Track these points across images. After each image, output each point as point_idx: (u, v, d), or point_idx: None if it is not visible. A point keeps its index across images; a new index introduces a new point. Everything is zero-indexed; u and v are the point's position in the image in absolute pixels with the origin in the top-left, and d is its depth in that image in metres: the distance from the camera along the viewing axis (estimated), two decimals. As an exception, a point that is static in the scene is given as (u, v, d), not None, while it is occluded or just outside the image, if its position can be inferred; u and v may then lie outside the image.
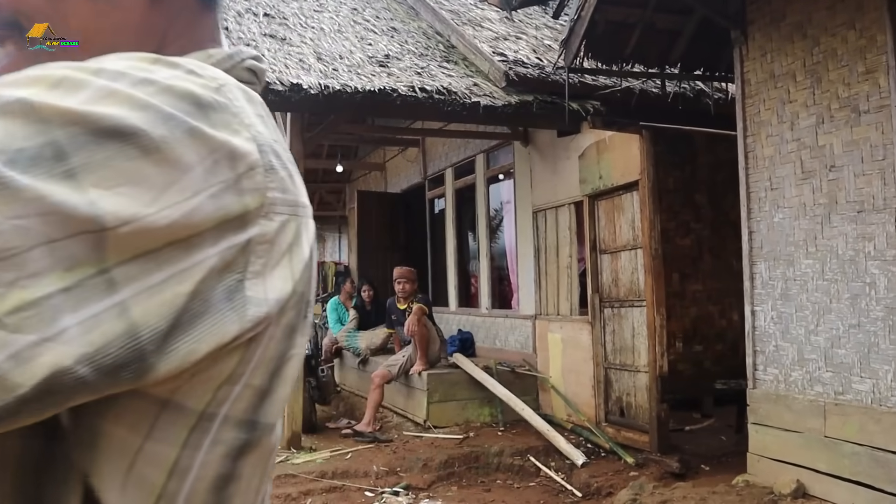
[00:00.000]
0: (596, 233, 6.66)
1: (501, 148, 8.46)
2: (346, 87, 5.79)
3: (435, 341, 7.33)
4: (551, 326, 7.30)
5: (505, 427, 6.93)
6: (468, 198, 9.50)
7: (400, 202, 11.39)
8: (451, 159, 9.62)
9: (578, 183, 6.82)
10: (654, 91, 6.70)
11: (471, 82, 6.60)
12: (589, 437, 6.44)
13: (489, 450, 6.29)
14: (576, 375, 6.88)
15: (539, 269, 7.55)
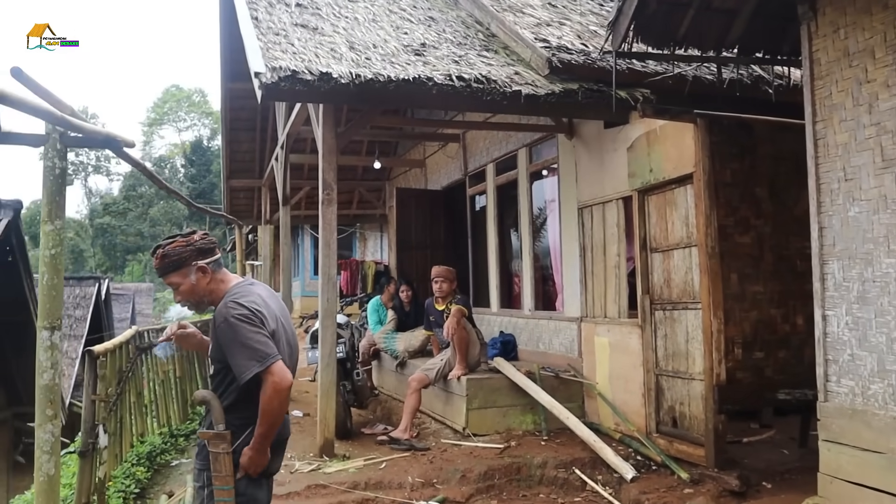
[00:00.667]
0: (646, 230, 6.24)
1: (545, 141, 8.06)
2: (379, 76, 5.46)
3: (474, 344, 6.98)
4: (598, 329, 6.89)
5: (548, 436, 6.55)
6: (510, 194, 9.13)
7: (440, 199, 11.06)
8: (493, 154, 9.25)
9: (627, 177, 6.41)
10: (707, 78, 6.25)
11: (511, 71, 6.22)
12: (639, 449, 6.02)
13: (532, 461, 5.91)
14: (624, 382, 6.46)
15: (585, 269, 7.15)
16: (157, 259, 2.86)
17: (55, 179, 3.61)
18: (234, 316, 2.73)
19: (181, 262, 2.84)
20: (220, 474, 2.72)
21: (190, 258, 2.86)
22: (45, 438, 3.54)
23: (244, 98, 12.29)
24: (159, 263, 2.85)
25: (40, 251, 3.61)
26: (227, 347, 2.72)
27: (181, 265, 2.85)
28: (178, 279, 2.86)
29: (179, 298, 2.89)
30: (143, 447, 5.93)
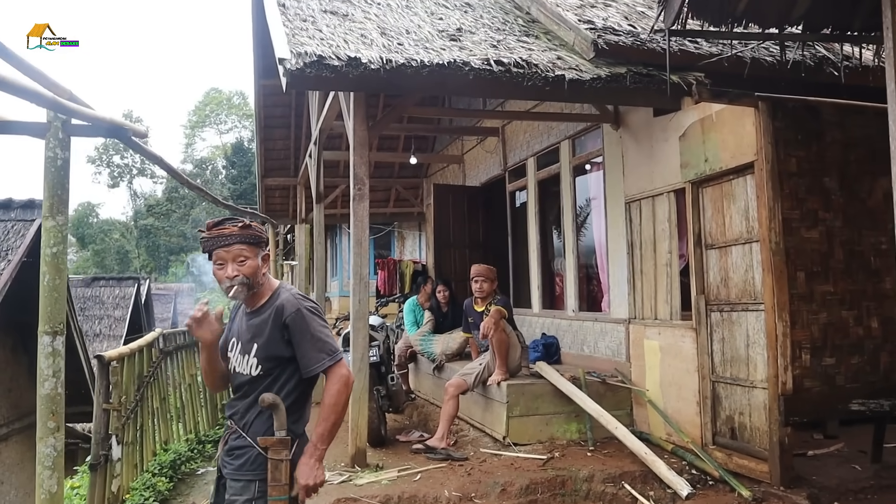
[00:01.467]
0: (700, 225, 5.78)
1: (589, 132, 7.62)
2: (412, 61, 5.09)
3: (515, 347, 6.57)
4: (648, 332, 6.44)
5: (594, 447, 6.12)
6: (552, 189, 8.71)
7: (478, 196, 10.67)
8: (533, 148, 8.83)
9: (679, 168, 5.95)
10: (766, 60, 5.77)
11: (553, 56, 5.81)
12: (693, 462, 5.57)
13: (577, 474, 5.49)
14: (677, 389, 6.01)
15: (633, 267, 6.70)
16: (235, 227, 2.70)
17: (57, 171, 3.32)
18: (307, 308, 2.73)
19: (258, 241, 2.75)
20: (279, 483, 2.60)
21: (263, 242, 2.80)
22: (47, 453, 3.25)
23: (278, 94, 12.06)
24: (240, 231, 2.70)
25: (42, 249, 3.32)
26: (299, 339, 2.68)
27: (257, 243, 2.74)
28: (249, 253, 2.70)
29: (236, 273, 2.66)
30: (166, 455, 5.65)
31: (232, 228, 2.69)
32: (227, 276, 2.66)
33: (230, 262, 2.67)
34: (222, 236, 2.68)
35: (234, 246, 2.67)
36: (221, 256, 2.69)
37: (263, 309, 2.76)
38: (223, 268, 2.68)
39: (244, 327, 2.78)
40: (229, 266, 2.67)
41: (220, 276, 2.69)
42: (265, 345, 2.70)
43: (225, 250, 2.68)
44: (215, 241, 2.68)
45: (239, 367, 2.76)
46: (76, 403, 8.42)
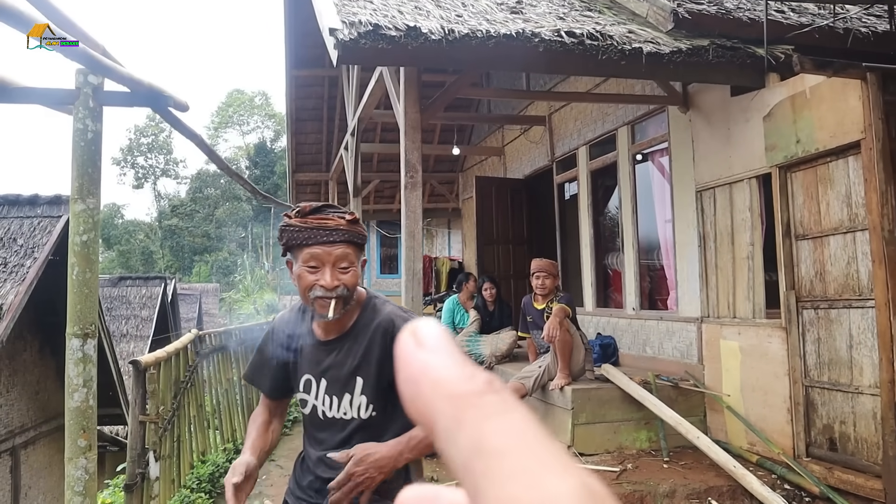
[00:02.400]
0: (790, 213, 5.21)
1: (651, 117, 7.06)
2: (476, 31, 4.57)
3: (579, 349, 6.03)
4: (725, 332, 5.88)
5: (669, 457, 5.57)
6: (607, 179, 8.16)
7: (522, 189, 10.13)
8: (585, 136, 8.28)
9: (764, 151, 5.39)
10: (861, 31, 5.20)
11: (624, 29, 5.27)
12: (785, 476, 5.02)
13: (657, 489, 4.96)
14: (762, 394, 5.44)
15: (705, 261, 6.14)
16: (343, 218, 1.98)
17: (87, 146, 2.84)
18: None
19: (362, 243, 2.04)
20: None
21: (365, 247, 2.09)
22: (77, 476, 2.77)
23: (310, 86, 11.64)
24: (348, 226, 1.97)
25: (70, 237, 2.84)
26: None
27: (362, 246, 2.05)
28: (354, 258, 2.00)
29: (338, 284, 1.95)
30: (204, 468, 5.17)
31: (338, 220, 1.96)
32: (325, 284, 1.93)
33: (329, 265, 1.94)
34: (325, 229, 1.94)
35: (337, 245, 1.94)
36: (318, 257, 1.94)
37: (358, 330, 2.08)
38: (317, 272, 1.94)
39: (324, 360, 2.10)
40: (328, 272, 1.93)
41: (310, 282, 1.94)
42: (376, 377, 2.04)
43: (326, 249, 1.93)
44: (313, 234, 1.94)
45: (331, 411, 2.09)
46: (104, 405, 8.03)
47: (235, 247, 56.87)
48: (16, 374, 8.88)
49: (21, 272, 7.90)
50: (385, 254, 16.42)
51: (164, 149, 65.26)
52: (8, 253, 8.11)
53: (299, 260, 1.96)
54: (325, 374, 2.09)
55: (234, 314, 35.62)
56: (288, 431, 7.62)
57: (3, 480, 8.41)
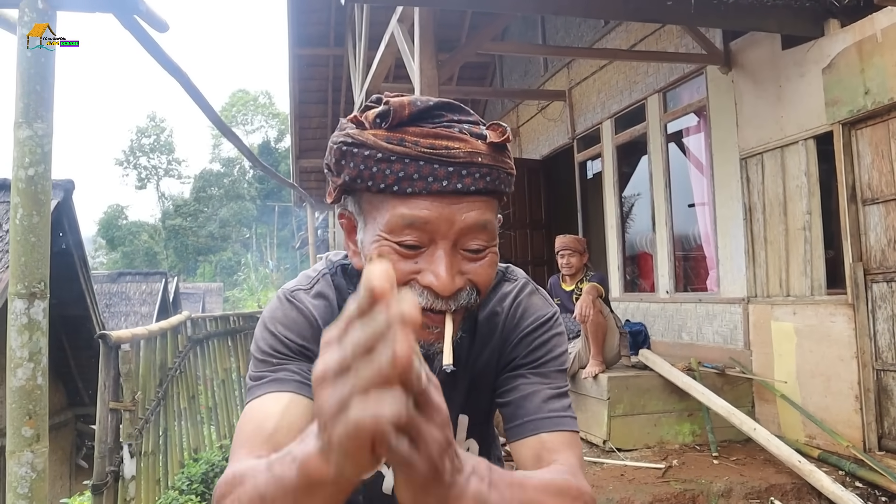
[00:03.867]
0: (855, 175, 4.62)
1: (687, 81, 6.45)
2: (503, -37, 3.99)
3: (613, 333, 5.43)
4: (776, 312, 5.28)
5: (718, 452, 4.97)
6: (636, 154, 7.56)
7: (539, 170, 9.52)
8: (610, 109, 7.67)
9: (824, 107, 4.79)
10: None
11: (665, -28, 4.68)
12: (855, 472, 4.41)
13: (710, 487, 4.36)
14: (823, 380, 4.84)
15: (752, 235, 5.54)
16: (481, 140, 0.96)
17: (35, 58, 2.25)
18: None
19: (506, 190, 1.05)
20: None
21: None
22: (21, 474, 2.19)
23: (314, 66, 11.09)
24: (492, 159, 0.97)
25: (12, 171, 2.26)
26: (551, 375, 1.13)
27: (503, 195, 1.06)
28: (495, 227, 1.05)
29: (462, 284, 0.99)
30: (196, 467, 4.57)
31: (475, 143, 0.96)
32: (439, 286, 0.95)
33: (448, 243, 0.97)
34: (448, 160, 0.94)
35: (473, 200, 0.97)
36: (428, 223, 0.95)
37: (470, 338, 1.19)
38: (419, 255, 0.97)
39: None
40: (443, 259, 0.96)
41: (406, 275, 0.97)
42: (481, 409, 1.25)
43: (445, 208, 0.95)
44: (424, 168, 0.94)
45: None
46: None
47: (239, 246, 56.44)
48: (3, 370, 8.32)
49: (4, 260, 7.35)
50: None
51: (166, 148, 64.90)
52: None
53: (379, 222, 0.98)
54: None
55: (238, 313, 35.15)
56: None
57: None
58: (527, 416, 1.08)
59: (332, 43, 10.48)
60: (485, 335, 1.18)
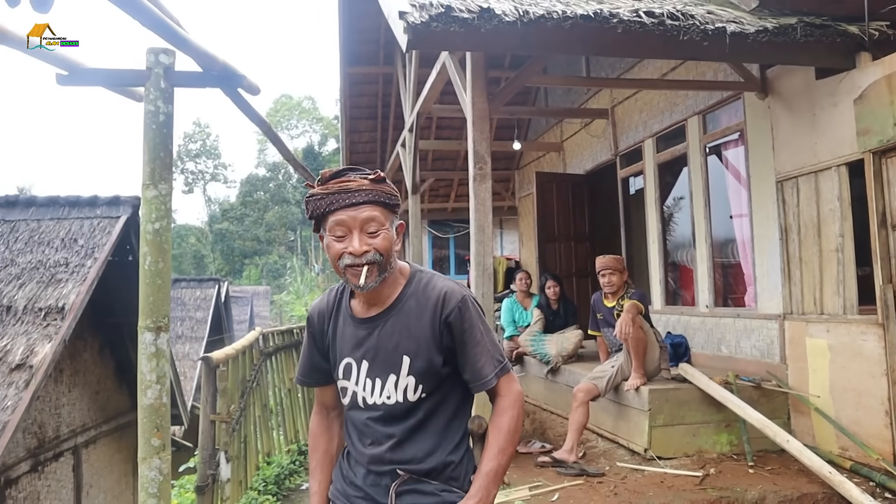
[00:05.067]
0: (885, 201, 4.87)
1: (725, 105, 6.73)
2: (552, 13, 4.35)
3: (654, 347, 5.76)
4: (811, 329, 5.55)
5: (753, 461, 5.26)
6: (675, 172, 7.84)
7: (583, 185, 9.85)
8: (652, 128, 7.97)
9: (855, 136, 5.05)
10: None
11: (704, 10, 4.99)
12: (885, 483, 4.67)
13: (744, 495, 4.66)
14: (855, 395, 5.10)
15: (788, 255, 5.80)
16: (369, 180, 1.85)
17: (159, 129, 2.69)
18: (474, 299, 1.95)
19: (392, 204, 1.90)
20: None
21: (397, 207, 1.93)
22: (151, 477, 2.61)
23: (364, 83, 11.53)
24: (372, 186, 1.84)
25: (141, 225, 2.70)
26: (467, 340, 1.90)
27: (392, 207, 1.90)
28: (383, 219, 1.85)
29: (367, 249, 1.81)
30: (269, 470, 5.03)
31: (360, 181, 1.83)
32: (353, 251, 1.80)
33: (356, 230, 1.81)
34: (346, 192, 1.80)
35: (363, 207, 1.81)
36: (343, 222, 1.81)
37: (403, 304, 1.92)
38: (345, 239, 1.82)
39: (365, 339, 1.93)
40: (356, 237, 1.81)
41: (339, 251, 1.83)
42: (425, 354, 1.88)
43: (350, 213, 1.81)
44: (335, 199, 1.81)
45: (373, 396, 1.91)
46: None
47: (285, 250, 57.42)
48: (77, 374, 8.92)
49: (82, 272, 7.90)
50: (436, 255, 16.26)
51: (212, 153, 66.28)
52: (69, 253, 8.12)
53: (327, 230, 1.85)
54: (366, 355, 1.93)
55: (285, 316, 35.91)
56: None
57: (66, 479, 8.44)
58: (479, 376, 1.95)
59: (382, 62, 10.90)
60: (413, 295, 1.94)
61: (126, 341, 10.48)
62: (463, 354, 1.89)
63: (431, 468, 1.88)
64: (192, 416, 13.68)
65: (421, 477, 1.88)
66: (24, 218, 8.29)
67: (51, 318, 7.15)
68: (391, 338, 1.90)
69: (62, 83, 2.61)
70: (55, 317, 7.18)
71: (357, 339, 1.94)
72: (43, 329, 7.01)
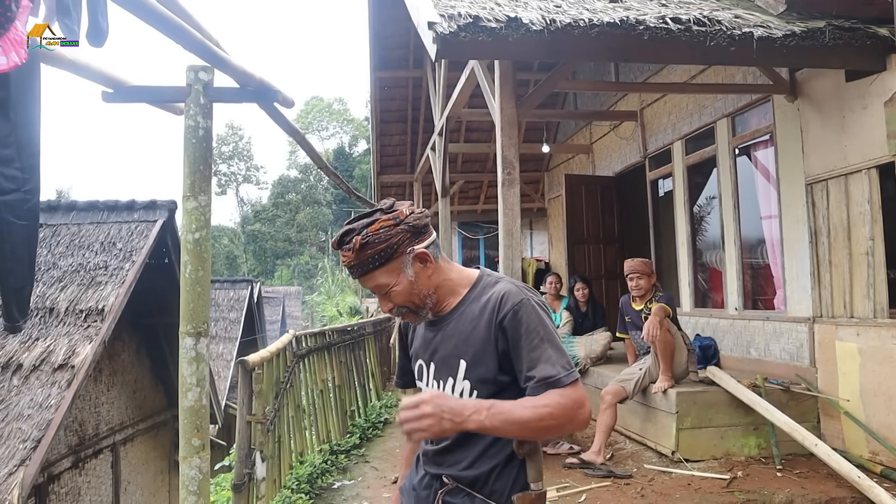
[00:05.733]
0: (916, 205, 4.86)
1: (754, 108, 6.73)
2: (579, 21, 4.41)
3: (681, 350, 5.79)
4: (840, 332, 5.54)
5: (782, 465, 5.27)
6: (704, 175, 7.84)
7: (612, 187, 9.87)
8: (681, 130, 7.98)
9: (886, 139, 5.03)
10: None
11: (730, 15, 5.01)
12: (915, 488, 4.66)
13: (772, 498, 4.68)
14: (886, 399, 5.09)
15: (817, 258, 5.80)
16: (352, 252, 1.79)
17: (199, 143, 2.81)
18: (537, 302, 1.82)
19: (391, 253, 1.80)
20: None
21: (403, 243, 1.81)
22: (191, 475, 2.73)
23: (394, 87, 11.65)
24: (357, 258, 1.79)
25: (182, 235, 2.82)
26: (524, 344, 1.76)
27: (391, 257, 1.80)
28: (387, 279, 1.83)
29: (392, 307, 1.86)
30: (302, 469, 5.15)
31: (348, 256, 1.81)
32: (384, 310, 1.90)
33: (377, 294, 1.88)
34: (347, 266, 1.85)
35: (364, 279, 1.84)
36: (365, 285, 1.89)
37: (461, 310, 1.89)
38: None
39: (431, 341, 1.95)
40: (380, 300, 1.89)
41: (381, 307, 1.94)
42: (480, 358, 1.83)
43: (362, 282, 1.87)
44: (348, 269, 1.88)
45: None
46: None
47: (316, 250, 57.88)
48: (115, 373, 9.15)
49: (120, 275, 8.11)
50: (466, 255, 16.34)
51: (244, 156, 67.03)
52: (108, 256, 8.34)
53: None
54: (433, 357, 1.93)
55: (317, 316, 36.23)
56: (380, 433, 7.59)
57: (105, 475, 8.67)
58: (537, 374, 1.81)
59: (412, 66, 11.02)
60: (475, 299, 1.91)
61: (162, 341, 10.72)
62: (519, 358, 1.78)
63: (475, 477, 1.85)
64: (226, 416, 13.93)
65: (465, 486, 1.87)
66: (66, 222, 8.53)
67: (91, 319, 7.37)
68: (450, 341, 1.89)
69: (108, 100, 2.74)
70: (95, 318, 7.39)
71: (426, 342, 1.96)
72: (84, 330, 7.23)
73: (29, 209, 1.98)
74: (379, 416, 7.92)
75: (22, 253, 2.01)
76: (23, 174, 1.92)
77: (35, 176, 1.99)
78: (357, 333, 8.55)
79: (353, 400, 7.67)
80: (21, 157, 1.89)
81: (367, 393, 8.45)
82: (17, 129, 1.85)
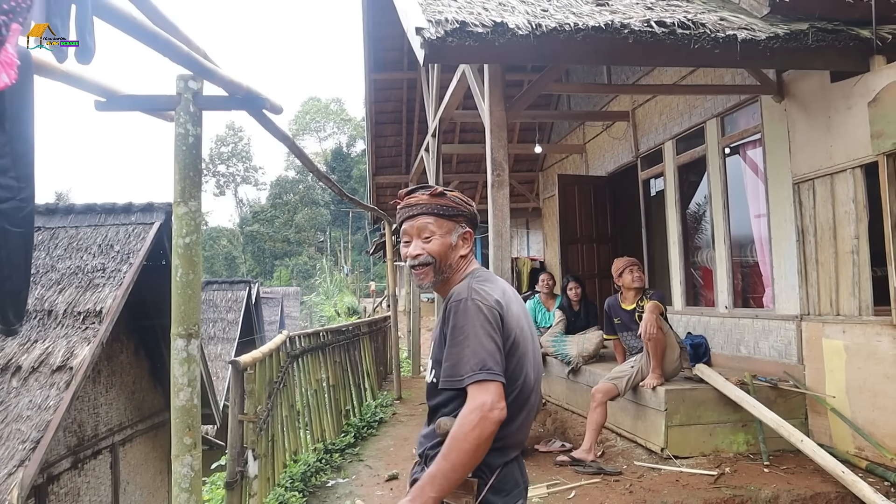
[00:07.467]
0: (899, 204, 4.93)
1: (743, 108, 6.82)
2: (564, 25, 4.49)
3: (673, 348, 5.86)
4: (827, 330, 5.61)
5: (769, 461, 5.35)
6: (695, 174, 7.92)
7: (605, 186, 9.95)
8: (672, 130, 8.06)
9: (869, 139, 5.11)
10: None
11: (715, 17, 5.09)
12: (899, 482, 4.74)
13: (758, 494, 4.76)
14: (871, 396, 5.17)
15: (804, 257, 5.87)
16: (429, 195, 2.15)
17: (189, 150, 2.88)
18: (474, 300, 1.97)
19: (453, 214, 2.15)
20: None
21: (463, 217, 2.18)
22: (183, 473, 2.81)
23: (389, 89, 11.73)
24: (430, 200, 2.14)
25: (173, 239, 2.89)
26: (449, 339, 1.95)
27: (451, 216, 2.15)
28: (436, 228, 2.12)
29: (420, 253, 2.11)
30: (296, 467, 5.23)
31: (420, 196, 2.14)
32: (409, 253, 2.12)
33: (415, 237, 2.13)
34: (409, 206, 2.14)
35: (419, 218, 2.12)
36: (406, 231, 2.15)
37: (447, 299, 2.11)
38: (408, 245, 2.15)
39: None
40: (413, 243, 2.13)
41: (404, 254, 2.16)
42: (438, 343, 2.05)
43: (410, 223, 2.13)
44: (403, 212, 2.16)
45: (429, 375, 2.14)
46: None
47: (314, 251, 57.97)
48: (114, 374, 9.23)
49: (118, 277, 8.18)
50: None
51: (243, 157, 67.10)
52: (106, 259, 8.41)
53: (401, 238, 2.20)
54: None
55: (315, 317, 36.30)
56: (374, 432, 7.67)
57: (104, 476, 8.74)
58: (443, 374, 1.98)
59: (406, 67, 11.10)
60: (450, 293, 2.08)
61: (160, 342, 10.79)
62: (443, 352, 1.96)
63: (422, 451, 2.03)
64: (224, 416, 13.99)
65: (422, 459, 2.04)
66: (64, 225, 8.59)
67: (89, 321, 7.43)
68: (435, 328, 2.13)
69: (100, 109, 2.81)
70: (93, 320, 7.46)
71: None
72: (82, 332, 7.30)
73: (24, 217, 2.04)
74: (374, 415, 8.00)
75: (18, 259, 2.08)
76: (18, 183, 1.98)
77: (30, 184, 2.06)
78: (352, 334, 8.63)
79: (347, 399, 7.74)
80: (16, 166, 1.96)
81: (362, 392, 8.53)
82: (12, 141, 1.92)
